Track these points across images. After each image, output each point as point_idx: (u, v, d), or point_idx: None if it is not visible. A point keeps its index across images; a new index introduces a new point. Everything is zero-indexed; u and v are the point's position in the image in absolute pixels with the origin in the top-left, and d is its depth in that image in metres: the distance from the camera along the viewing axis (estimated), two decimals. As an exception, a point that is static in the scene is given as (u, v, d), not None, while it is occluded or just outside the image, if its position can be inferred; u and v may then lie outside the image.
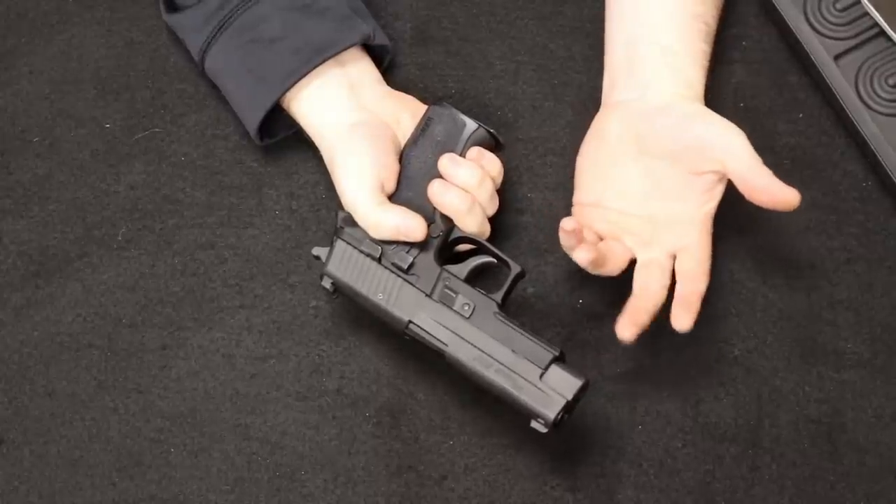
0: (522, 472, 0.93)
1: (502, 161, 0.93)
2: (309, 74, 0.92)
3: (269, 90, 0.92)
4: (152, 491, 0.93)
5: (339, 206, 0.92)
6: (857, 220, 0.98)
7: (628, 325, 0.88)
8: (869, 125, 0.97)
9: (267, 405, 0.95)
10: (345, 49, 0.92)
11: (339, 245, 0.90)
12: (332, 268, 0.90)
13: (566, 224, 0.86)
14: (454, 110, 0.92)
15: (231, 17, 0.93)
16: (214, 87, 0.98)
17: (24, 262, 0.98)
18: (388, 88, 0.96)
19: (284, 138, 0.97)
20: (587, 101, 0.99)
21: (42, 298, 0.97)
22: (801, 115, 1.00)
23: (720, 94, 1.00)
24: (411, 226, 0.89)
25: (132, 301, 0.97)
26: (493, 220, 0.93)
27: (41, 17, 1.04)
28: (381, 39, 0.95)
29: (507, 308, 0.90)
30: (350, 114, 0.92)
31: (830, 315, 0.96)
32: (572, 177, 0.95)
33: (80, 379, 0.95)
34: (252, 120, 0.94)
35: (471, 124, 0.92)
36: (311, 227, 0.98)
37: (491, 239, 0.92)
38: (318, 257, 0.91)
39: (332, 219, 0.96)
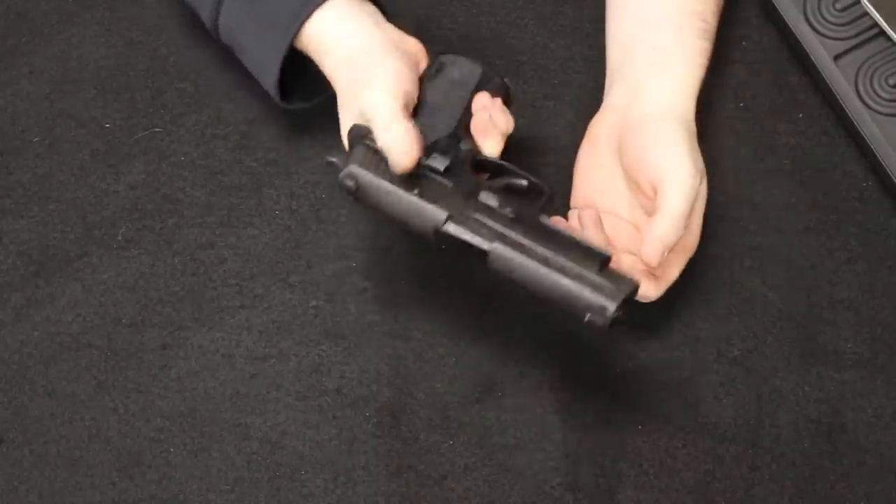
0: (522, 472, 0.93)
1: (512, 112, 0.91)
2: (322, 7, 0.89)
3: (280, 35, 0.90)
4: (152, 491, 0.93)
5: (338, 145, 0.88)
6: (857, 220, 0.98)
7: None
8: (869, 125, 0.97)
9: (267, 405, 0.95)
10: None
11: (361, 148, 0.83)
12: (355, 167, 0.83)
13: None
14: (466, 58, 0.90)
15: None
16: (214, 85, 0.98)
17: (24, 262, 0.98)
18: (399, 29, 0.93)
19: (286, 131, 0.96)
20: (587, 101, 0.99)
21: (42, 298, 0.97)
22: (801, 115, 1.00)
23: (720, 94, 1.01)
24: (407, 151, 0.83)
25: (132, 301, 0.97)
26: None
27: (41, 17, 1.04)
28: None
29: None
30: (377, 34, 0.89)
31: (830, 315, 0.96)
32: (572, 177, 0.95)
33: (80, 379, 0.95)
34: (270, 74, 0.91)
35: (485, 70, 0.90)
36: (311, 227, 0.98)
37: None
38: (331, 163, 0.85)
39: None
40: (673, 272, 0.90)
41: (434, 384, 0.94)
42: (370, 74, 0.87)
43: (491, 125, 0.88)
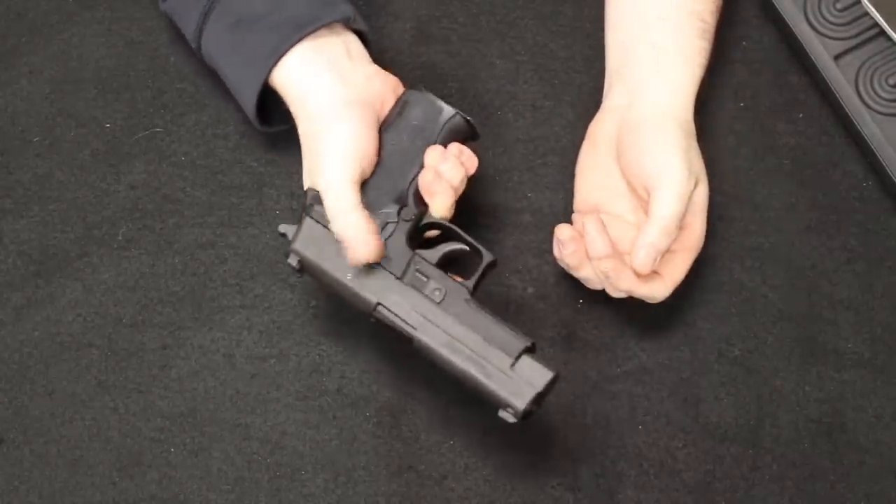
0: (522, 472, 0.93)
1: (478, 156, 0.91)
2: (290, 52, 0.90)
3: (256, 71, 0.91)
4: (152, 491, 0.93)
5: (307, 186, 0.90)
6: (857, 220, 0.98)
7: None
8: (869, 125, 0.97)
9: (267, 405, 0.95)
10: (325, 25, 0.91)
11: (308, 223, 0.87)
12: (299, 245, 0.87)
13: (562, 233, 0.87)
14: (431, 95, 0.91)
15: (213, 0, 0.92)
16: (214, 85, 0.98)
17: (24, 262, 0.98)
18: (376, 67, 0.93)
19: (286, 131, 0.96)
20: (587, 101, 0.99)
21: (42, 298, 0.97)
22: (801, 115, 1.00)
23: (720, 94, 1.01)
24: (363, 242, 0.86)
25: (132, 301, 0.97)
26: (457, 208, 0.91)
27: (41, 17, 1.04)
28: (360, 25, 0.94)
29: (480, 298, 0.88)
30: (336, 90, 0.90)
31: (830, 315, 0.96)
32: (572, 177, 0.95)
33: (80, 379, 0.95)
34: (248, 103, 0.93)
35: (448, 110, 0.90)
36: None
37: (467, 229, 0.90)
38: (284, 234, 0.88)
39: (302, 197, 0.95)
40: (679, 272, 0.90)
41: (434, 384, 0.94)
42: (323, 143, 0.88)
43: (437, 185, 0.88)
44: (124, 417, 0.94)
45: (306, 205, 0.88)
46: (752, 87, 1.01)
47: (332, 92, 0.90)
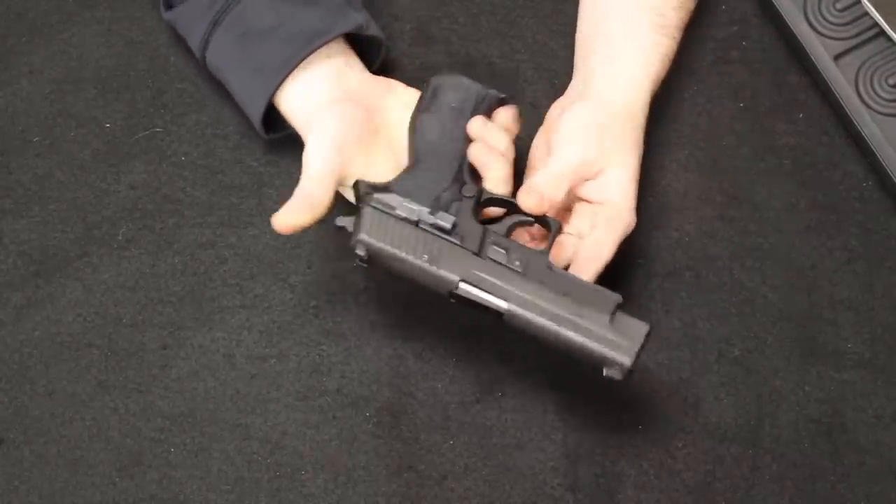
0: (522, 472, 0.93)
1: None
2: (290, 78, 0.92)
3: (266, 82, 0.92)
4: (152, 491, 0.93)
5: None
6: (857, 220, 0.98)
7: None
8: (869, 125, 0.97)
9: (267, 405, 0.95)
10: (337, 36, 0.92)
11: (368, 210, 0.85)
12: (365, 235, 0.84)
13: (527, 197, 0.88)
14: (460, 76, 0.92)
15: (224, 11, 0.93)
16: (215, 86, 0.98)
17: (24, 262, 0.98)
18: (375, 77, 0.95)
19: (288, 136, 0.97)
20: (587, 100, 0.99)
21: (42, 298, 0.97)
22: (801, 115, 1.00)
23: (720, 94, 1.01)
24: (322, 199, 0.87)
25: (132, 301, 0.97)
26: None
27: (41, 17, 1.04)
28: (373, 31, 0.95)
29: None
30: (331, 96, 0.92)
31: (830, 315, 0.96)
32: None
33: (80, 379, 0.95)
34: (255, 114, 0.94)
35: (481, 88, 0.92)
36: (311, 227, 0.98)
37: None
38: (342, 227, 0.86)
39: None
40: (604, 250, 0.89)
41: (434, 384, 0.94)
42: (311, 134, 0.90)
43: (487, 155, 0.89)
44: (124, 417, 0.94)
45: (360, 195, 0.87)
46: (751, 88, 1.01)
47: (327, 97, 0.91)
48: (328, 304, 0.96)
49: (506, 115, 0.93)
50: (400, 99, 0.94)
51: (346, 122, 0.90)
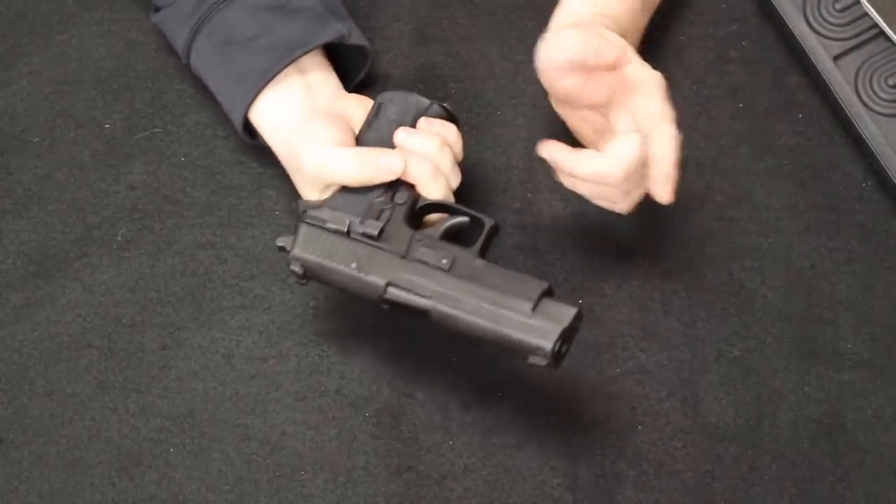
0: (522, 472, 0.93)
1: (460, 130, 0.92)
2: (266, 90, 0.91)
3: (245, 90, 0.92)
4: (152, 491, 0.93)
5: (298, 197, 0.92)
6: (857, 220, 0.98)
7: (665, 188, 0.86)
8: (869, 125, 0.97)
9: (267, 405, 0.95)
10: (318, 46, 0.92)
11: (304, 228, 0.88)
12: (298, 251, 0.87)
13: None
14: (405, 92, 0.92)
15: (205, 18, 0.93)
16: (213, 87, 0.99)
17: (24, 262, 0.98)
18: (346, 92, 0.95)
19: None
20: (587, 101, 0.99)
21: (42, 298, 0.97)
22: (800, 115, 1.00)
23: (720, 94, 1.01)
24: (392, 157, 0.88)
25: (132, 301, 0.97)
26: (457, 194, 0.91)
27: (41, 17, 1.04)
28: (357, 39, 0.95)
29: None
30: (304, 113, 0.92)
31: (830, 315, 0.96)
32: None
33: (79, 379, 0.95)
34: (236, 120, 0.94)
35: (423, 101, 0.92)
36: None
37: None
38: (282, 247, 0.88)
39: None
40: (666, 116, 0.86)
41: (434, 384, 0.94)
42: (302, 140, 0.90)
43: (417, 166, 0.88)
44: (124, 418, 0.94)
45: (299, 213, 0.89)
46: (751, 88, 1.01)
47: (300, 115, 0.91)
48: (328, 304, 0.96)
49: (429, 122, 0.91)
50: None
51: (332, 129, 0.90)
